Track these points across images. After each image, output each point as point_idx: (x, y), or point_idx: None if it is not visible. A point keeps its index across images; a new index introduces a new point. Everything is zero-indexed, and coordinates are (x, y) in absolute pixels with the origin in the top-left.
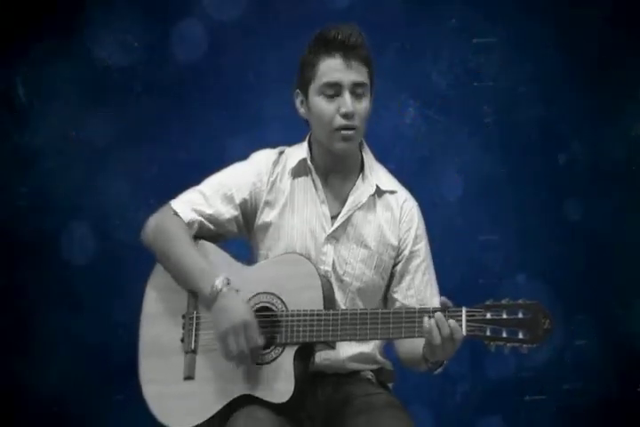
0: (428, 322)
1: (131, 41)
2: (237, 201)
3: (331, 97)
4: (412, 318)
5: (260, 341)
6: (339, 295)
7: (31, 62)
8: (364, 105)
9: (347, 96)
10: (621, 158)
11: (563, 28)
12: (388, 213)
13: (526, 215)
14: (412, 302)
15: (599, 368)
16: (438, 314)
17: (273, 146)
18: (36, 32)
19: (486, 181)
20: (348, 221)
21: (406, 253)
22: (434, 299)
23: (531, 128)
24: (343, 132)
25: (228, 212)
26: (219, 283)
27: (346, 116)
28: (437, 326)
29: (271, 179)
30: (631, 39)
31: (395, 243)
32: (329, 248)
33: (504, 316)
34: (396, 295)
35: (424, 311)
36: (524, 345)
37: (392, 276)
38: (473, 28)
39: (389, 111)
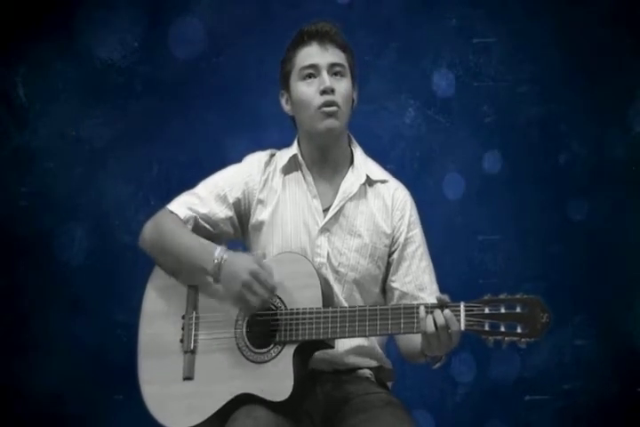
0: (423, 311)
1: (131, 41)
2: (231, 200)
3: (310, 79)
4: (410, 314)
5: (274, 284)
6: (336, 287)
7: (31, 62)
8: (344, 84)
9: (324, 74)
10: (621, 158)
11: (563, 28)
12: (380, 201)
13: (526, 215)
14: (411, 289)
15: (599, 368)
16: (436, 310)
17: (272, 146)
18: (36, 32)
19: (486, 181)
20: (339, 212)
21: (401, 240)
22: (433, 285)
23: (531, 128)
24: (325, 108)
25: (222, 211)
26: (218, 254)
27: (325, 92)
28: (433, 315)
29: (263, 178)
30: (631, 39)
31: (388, 231)
32: (323, 240)
33: (502, 310)
34: (394, 284)
35: (422, 306)
36: (523, 339)
37: (389, 265)
38: (473, 28)
39: (389, 111)
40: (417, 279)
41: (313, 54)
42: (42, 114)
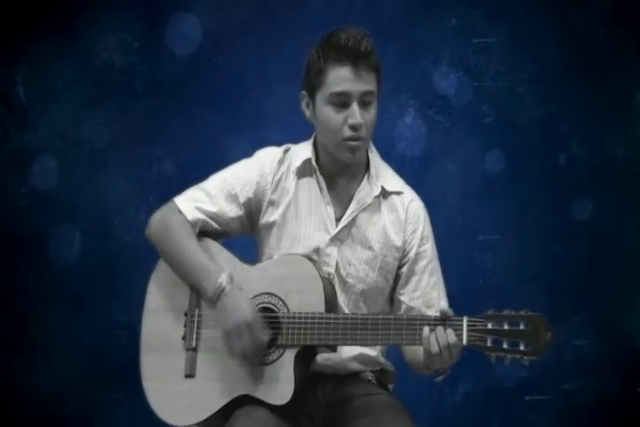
0: (427, 331)
1: (131, 41)
2: (242, 200)
3: (339, 107)
4: (413, 326)
5: (265, 338)
6: (342, 297)
7: (31, 62)
8: (371, 112)
9: (355, 107)
10: (621, 158)
11: (563, 28)
12: (394, 214)
13: (526, 215)
14: (419, 304)
15: (599, 368)
16: (439, 328)
17: (273, 146)
18: (36, 32)
19: (486, 181)
20: (352, 222)
21: (412, 254)
22: (441, 301)
23: (531, 128)
24: (350, 142)
25: (232, 211)
26: (222, 281)
27: (354, 127)
28: (436, 335)
29: (276, 178)
30: (631, 39)
31: (399, 245)
32: (333, 250)
33: (505, 327)
34: (402, 297)
35: (425, 320)
36: (525, 357)
37: (398, 278)
38: (473, 28)
39: (389, 111)
40: (425, 295)
41: (346, 80)
42: (42, 114)
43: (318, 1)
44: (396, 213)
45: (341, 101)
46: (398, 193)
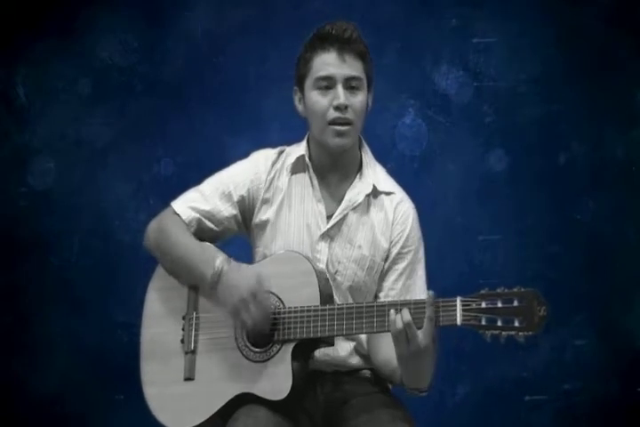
0: (393, 313)
1: (131, 41)
2: (235, 199)
3: (325, 91)
4: (382, 313)
5: (271, 304)
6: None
7: (31, 62)
8: (359, 98)
9: (340, 89)
10: (621, 158)
11: (563, 27)
12: (382, 214)
13: (526, 215)
14: None
15: (599, 368)
16: (404, 309)
17: (273, 146)
18: (36, 32)
19: (486, 181)
20: (343, 220)
21: (394, 253)
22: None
23: (531, 128)
24: (337, 127)
25: (226, 209)
26: (219, 263)
27: (338, 108)
28: (401, 315)
29: (269, 177)
30: (631, 39)
31: (385, 246)
32: (323, 246)
33: (499, 304)
34: (380, 293)
35: (419, 303)
36: (520, 333)
37: (381, 276)
38: (473, 28)
39: (389, 111)
40: (400, 296)
41: (330, 64)
42: (42, 114)
43: (318, 0)
44: (385, 213)
45: (327, 85)
46: (388, 193)
